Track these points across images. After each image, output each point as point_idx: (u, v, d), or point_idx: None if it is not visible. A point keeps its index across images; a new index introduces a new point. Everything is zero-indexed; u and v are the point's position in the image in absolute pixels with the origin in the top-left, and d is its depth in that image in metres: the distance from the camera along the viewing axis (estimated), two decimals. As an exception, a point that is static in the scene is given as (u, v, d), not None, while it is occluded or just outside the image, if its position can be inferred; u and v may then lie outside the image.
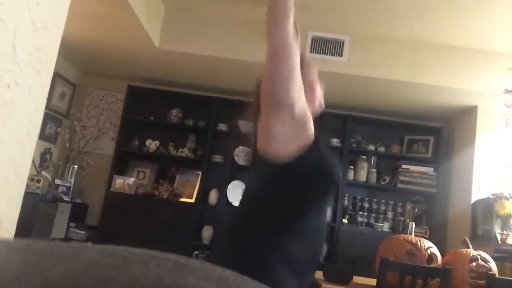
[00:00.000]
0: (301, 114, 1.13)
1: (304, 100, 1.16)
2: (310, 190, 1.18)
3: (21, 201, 1.24)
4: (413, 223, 2.81)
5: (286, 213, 1.16)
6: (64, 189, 3.99)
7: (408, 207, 4.19)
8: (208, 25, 3.59)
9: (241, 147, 4.21)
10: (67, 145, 4.31)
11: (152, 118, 4.36)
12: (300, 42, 1.38)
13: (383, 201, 4.25)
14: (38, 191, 3.57)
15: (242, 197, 1.30)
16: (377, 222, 4.12)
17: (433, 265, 2.31)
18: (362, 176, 4.23)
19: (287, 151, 1.13)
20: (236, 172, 4.24)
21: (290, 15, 1.10)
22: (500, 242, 3.25)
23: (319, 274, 2.47)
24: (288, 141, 1.14)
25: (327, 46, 3.54)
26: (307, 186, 1.18)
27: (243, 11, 3.45)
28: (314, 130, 1.18)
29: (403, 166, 4.18)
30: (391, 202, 4.23)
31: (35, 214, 3.37)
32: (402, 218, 4.11)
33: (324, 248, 4.08)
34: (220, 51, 3.57)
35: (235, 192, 4.19)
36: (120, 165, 4.32)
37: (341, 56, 3.54)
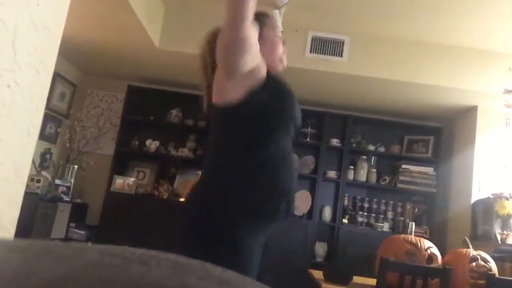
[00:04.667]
0: (254, 67, 1.29)
1: (257, 59, 1.30)
2: (262, 123, 1.34)
3: (21, 201, 1.24)
4: (413, 223, 2.81)
5: (245, 145, 1.32)
6: (64, 189, 3.99)
7: (408, 207, 4.19)
8: (208, 25, 3.57)
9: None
10: (67, 145, 4.31)
11: (152, 118, 4.36)
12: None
13: (383, 201, 4.25)
14: (38, 191, 3.57)
15: (207, 148, 1.50)
16: (377, 222, 4.12)
17: (433, 265, 2.31)
18: (362, 176, 4.23)
19: (239, 91, 1.30)
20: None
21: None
22: (500, 242, 3.25)
23: (319, 274, 2.47)
24: (241, 82, 1.30)
25: (327, 46, 3.54)
26: (258, 125, 1.33)
27: (243, 11, 3.44)
28: (270, 78, 1.35)
29: (403, 166, 4.18)
30: (391, 202, 4.23)
31: (35, 214, 3.37)
32: (402, 218, 4.11)
33: (324, 248, 4.08)
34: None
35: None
36: (120, 165, 4.32)
37: (341, 56, 3.54)
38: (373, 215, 4.18)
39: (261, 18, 1.47)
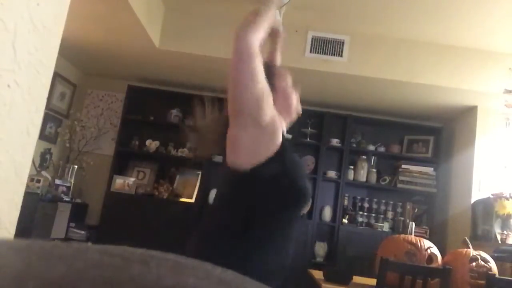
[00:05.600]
0: (269, 122, 1.16)
1: (272, 110, 1.18)
2: (270, 200, 1.19)
3: (21, 201, 1.24)
4: (413, 223, 2.82)
5: (247, 221, 1.18)
6: (64, 189, 3.99)
7: (408, 207, 4.19)
8: (208, 25, 3.59)
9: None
10: (67, 145, 4.31)
11: (152, 118, 4.36)
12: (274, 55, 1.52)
13: (383, 201, 4.25)
14: (38, 191, 3.57)
15: (214, 200, 1.34)
16: (377, 222, 4.12)
17: (433, 265, 2.31)
18: (362, 176, 4.23)
19: (254, 160, 1.15)
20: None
21: (261, 29, 1.15)
22: (500, 242, 3.25)
23: (319, 274, 2.47)
24: (255, 150, 1.16)
25: (327, 46, 3.54)
26: (267, 196, 1.19)
27: (243, 11, 3.44)
28: (283, 140, 1.21)
29: (403, 166, 4.18)
30: (391, 202, 4.23)
31: (35, 214, 3.37)
32: (402, 218, 4.11)
33: (324, 248, 4.08)
34: (220, 51, 3.57)
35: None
36: (120, 165, 4.32)
37: (341, 56, 3.54)
38: (373, 215, 4.18)
39: (271, 69, 1.36)
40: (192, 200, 4.15)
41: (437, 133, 4.27)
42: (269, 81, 1.23)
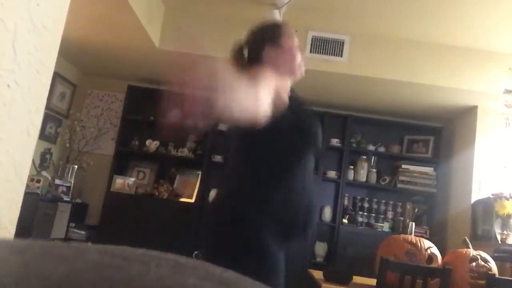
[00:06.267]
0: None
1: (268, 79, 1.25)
2: (288, 146, 1.33)
3: (21, 201, 1.24)
4: (413, 223, 2.81)
5: (273, 168, 1.31)
6: (64, 189, 3.99)
7: (408, 207, 4.19)
8: (208, 25, 3.59)
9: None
10: (67, 145, 4.31)
11: (152, 118, 4.36)
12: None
13: (383, 201, 4.25)
14: (38, 191, 3.57)
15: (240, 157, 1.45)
16: (377, 222, 4.12)
17: (433, 265, 2.31)
18: (362, 176, 4.23)
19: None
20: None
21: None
22: (500, 242, 3.25)
23: (319, 274, 2.47)
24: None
25: (327, 46, 3.54)
26: (285, 143, 1.32)
27: (243, 11, 3.45)
28: (292, 97, 1.34)
29: (403, 166, 4.18)
30: (391, 202, 4.23)
31: (35, 214, 3.37)
32: (402, 218, 4.11)
33: (324, 248, 4.08)
34: (220, 51, 3.56)
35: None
36: (120, 165, 4.32)
37: (341, 56, 3.54)
38: (373, 215, 4.18)
39: (279, 28, 1.47)
40: (192, 200, 4.15)
41: (437, 133, 4.27)
42: (277, 39, 1.39)
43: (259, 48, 1.43)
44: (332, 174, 4.20)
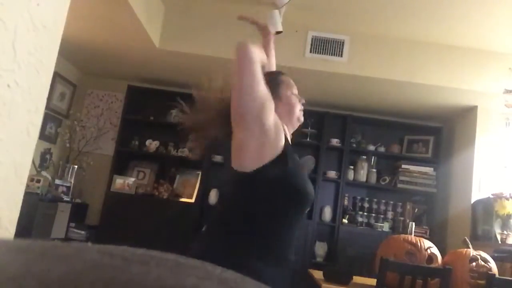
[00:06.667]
0: (271, 126, 1.21)
1: (274, 114, 1.24)
2: (273, 202, 1.24)
3: (21, 201, 1.24)
4: (413, 223, 2.82)
5: (251, 222, 1.23)
6: (64, 189, 3.99)
7: (408, 207, 4.19)
8: (208, 25, 3.59)
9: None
10: (67, 145, 4.31)
11: (152, 118, 4.36)
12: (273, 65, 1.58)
13: (383, 201, 4.25)
14: (38, 191, 3.57)
15: (218, 202, 1.41)
16: (377, 222, 4.12)
17: (433, 265, 2.31)
18: (362, 176, 4.23)
19: (258, 163, 1.21)
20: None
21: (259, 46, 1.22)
22: (500, 242, 3.25)
23: (319, 274, 2.47)
24: (259, 153, 1.22)
25: (327, 46, 3.54)
26: (270, 198, 1.24)
27: (243, 11, 3.44)
28: (287, 144, 1.28)
29: (403, 166, 4.18)
30: (391, 202, 4.23)
31: (35, 214, 3.37)
32: (402, 218, 4.11)
33: (324, 248, 4.08)
34: (220, 51, 3.57)
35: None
36: (120, 165, 4.32)
37: (341, 56, 3.54)
38: (373, 215, 4.18)
39: (276, 77, 1.44)
40: (192, 200, 4.15)
41: (437, 133, 4.27)
42: (275, 89, 1.31)
43: None
44: (332, 174, 4.20)
